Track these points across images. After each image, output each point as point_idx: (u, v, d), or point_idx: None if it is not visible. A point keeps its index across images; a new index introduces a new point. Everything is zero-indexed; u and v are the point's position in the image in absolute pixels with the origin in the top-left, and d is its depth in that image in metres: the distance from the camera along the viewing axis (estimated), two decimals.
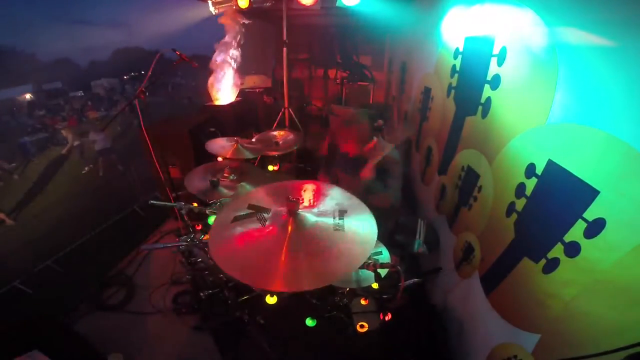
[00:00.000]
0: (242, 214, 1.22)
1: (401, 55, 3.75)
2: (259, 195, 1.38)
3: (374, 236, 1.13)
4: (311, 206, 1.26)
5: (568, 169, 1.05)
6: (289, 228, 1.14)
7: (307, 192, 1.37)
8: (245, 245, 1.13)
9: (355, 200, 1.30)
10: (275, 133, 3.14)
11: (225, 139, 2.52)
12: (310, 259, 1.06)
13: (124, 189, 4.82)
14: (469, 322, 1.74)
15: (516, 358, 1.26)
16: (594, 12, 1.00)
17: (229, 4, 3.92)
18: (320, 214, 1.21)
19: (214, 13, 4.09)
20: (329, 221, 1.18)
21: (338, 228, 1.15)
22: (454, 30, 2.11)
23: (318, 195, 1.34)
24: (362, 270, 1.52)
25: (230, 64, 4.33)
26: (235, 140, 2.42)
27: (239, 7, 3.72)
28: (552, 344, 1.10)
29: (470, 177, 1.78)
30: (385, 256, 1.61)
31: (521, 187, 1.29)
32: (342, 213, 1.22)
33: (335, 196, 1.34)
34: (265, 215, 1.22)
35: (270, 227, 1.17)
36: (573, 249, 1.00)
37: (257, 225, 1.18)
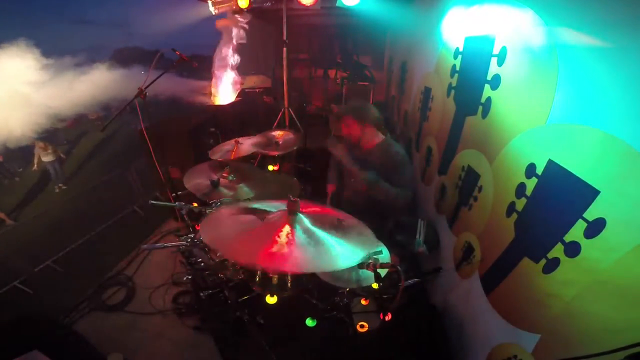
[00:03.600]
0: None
1: (401, 55, 3.75)
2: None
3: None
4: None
5: (568, 169, 1.05)
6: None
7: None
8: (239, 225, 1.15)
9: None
10: (275, 133, 3.14)
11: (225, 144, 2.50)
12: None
13: (123, 189, 4.81)
14: (469, 322, 1.74)
15: (516, 358, 1.26)
16: (593, 12, 1.00)
17: (229, 4, 3.92)
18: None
19: (213, 13, 4.09)
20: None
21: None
22: (454, 30, 2.11)
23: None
24: (362, 270, 1.52)
25: (230, 65, 4.33)
26: (235, 140, 2.42)
27: (239, 7, 3.72)
28: (552, 344, 1.10)
29: (471, 177, 1.78)
30: (385, 256, 1.60)
31: (521, 187, 1.29)
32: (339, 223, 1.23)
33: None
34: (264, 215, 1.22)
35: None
36: (573, 249, 1.00)
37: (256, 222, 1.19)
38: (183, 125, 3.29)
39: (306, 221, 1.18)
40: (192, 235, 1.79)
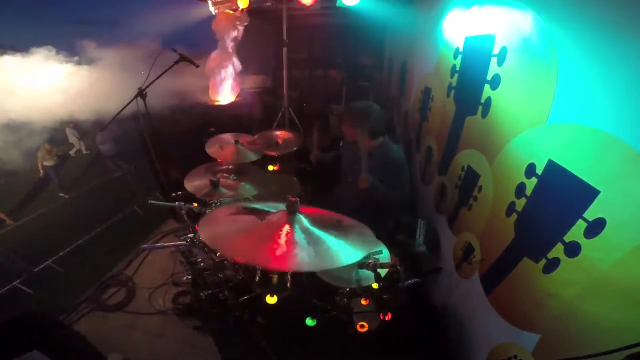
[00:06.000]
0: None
1: (401, 55, 3.75)
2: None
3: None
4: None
5: (568, 168, 1.05)
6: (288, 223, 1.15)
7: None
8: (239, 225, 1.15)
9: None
10: (275, 133, 3.14)
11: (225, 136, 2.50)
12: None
13: (124, 189, 4.82)
14: (469, 322, 1.74)
15: (516, 358, 1.26)
16: (593, 12, 1.00)
17: (229, 3, 3.92)
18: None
19: (213, 13, 4.09)
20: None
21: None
22: (454, 30, 2.11)
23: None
24: (362, 270, 1.52)
25: (229, 64, 4.33)
26: (235, 140, 2.42)
27: (239, 7, 3.72)
28: (552, 343, 1.10)
29: (471, 177, 1.78)
30: (385, 256, 1.60)
31: (521, 187, 1.29)
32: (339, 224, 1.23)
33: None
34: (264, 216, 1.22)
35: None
36: (573, 249, 1.00)
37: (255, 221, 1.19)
38: (183, 125, 3.29)
39: (305, 221, 1.17)
40: (191, 235, 1.79)
